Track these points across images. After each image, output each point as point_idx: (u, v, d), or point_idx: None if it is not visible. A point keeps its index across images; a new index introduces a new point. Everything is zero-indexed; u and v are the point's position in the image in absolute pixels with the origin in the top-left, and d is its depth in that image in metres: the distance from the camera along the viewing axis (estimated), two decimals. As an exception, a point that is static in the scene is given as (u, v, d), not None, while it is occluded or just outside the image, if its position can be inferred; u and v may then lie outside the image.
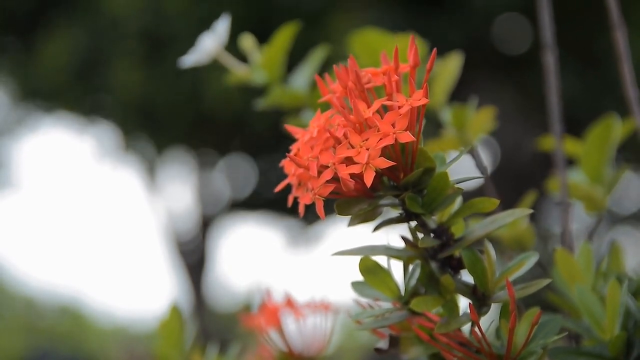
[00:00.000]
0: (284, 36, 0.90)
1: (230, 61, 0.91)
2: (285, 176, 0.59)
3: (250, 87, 0.94)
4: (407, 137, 0.55)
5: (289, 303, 0.84)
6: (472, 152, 0.87)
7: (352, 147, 0.55)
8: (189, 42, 0.93)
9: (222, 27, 0.89)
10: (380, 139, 0.55)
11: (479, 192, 0.81)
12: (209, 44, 0.88)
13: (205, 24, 0.94)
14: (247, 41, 0.92)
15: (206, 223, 5.77)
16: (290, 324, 0.85)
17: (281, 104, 0.91)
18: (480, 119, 0.91)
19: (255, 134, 4.45)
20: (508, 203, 0.72)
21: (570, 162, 0.95)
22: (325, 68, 0.88)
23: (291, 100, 0.90)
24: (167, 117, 4.39)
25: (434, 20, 3.72)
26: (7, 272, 7.82)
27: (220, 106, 4.01)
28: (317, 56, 0.91)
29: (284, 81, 0.92)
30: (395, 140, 0.55)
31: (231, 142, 4.89)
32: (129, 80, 4.09)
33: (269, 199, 5.32)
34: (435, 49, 0.60)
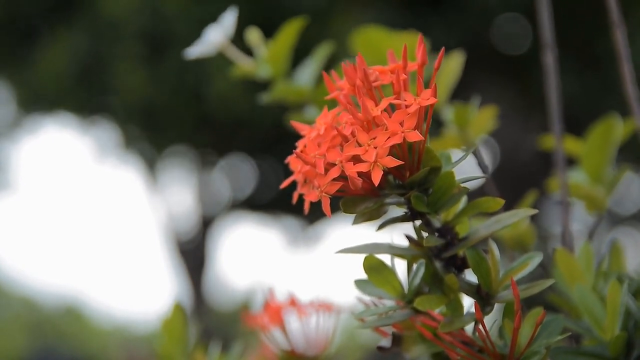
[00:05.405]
0: (290, 31, 0.89)
1: (236, 54, 0.91)
2: (288, 174, 0.59)
3: (252, 89, 0.94)
4: (415, 136, 0.55)
5: (292, 302, 0.84)
6: (474, 152, 0.87)
7: (360, 145, 0.55)
8: (190, 42, 0.93)
9: (229, 19, 0.88)
10: (388, 137, 0.54)
11: (480, 191, 0.81)
12: (215, 36, 0.88)
13: (205, 24, 0.93)
14: (253, 35, 0.92)
15: (206, 223, 5.77)
16: (292, 323, 0.85)
17: (285, 99, 0.91)
18: (482, 118, 0.91)
19: (256, 134, 4.45)
20: (508, 203, 0.72)
21: (571, 161, 0.95)
22: (326, 66, 0.89)
23: (295, 95, 0.90)
24: (168, 118, 4.39)
25: (433, 20, 3.72)
26: (8, 273, 7.81)
27: (221, 107, 4.01)
28: (322, 53, 0.91)
29: (289, 77, 0.92)
30: (403, 139, 0.55)
31: (232, 142, 4.89)
32: (130, 82, 4.09)
33: (269, 199, 5.32)
34: (443, 48, 0.60)
